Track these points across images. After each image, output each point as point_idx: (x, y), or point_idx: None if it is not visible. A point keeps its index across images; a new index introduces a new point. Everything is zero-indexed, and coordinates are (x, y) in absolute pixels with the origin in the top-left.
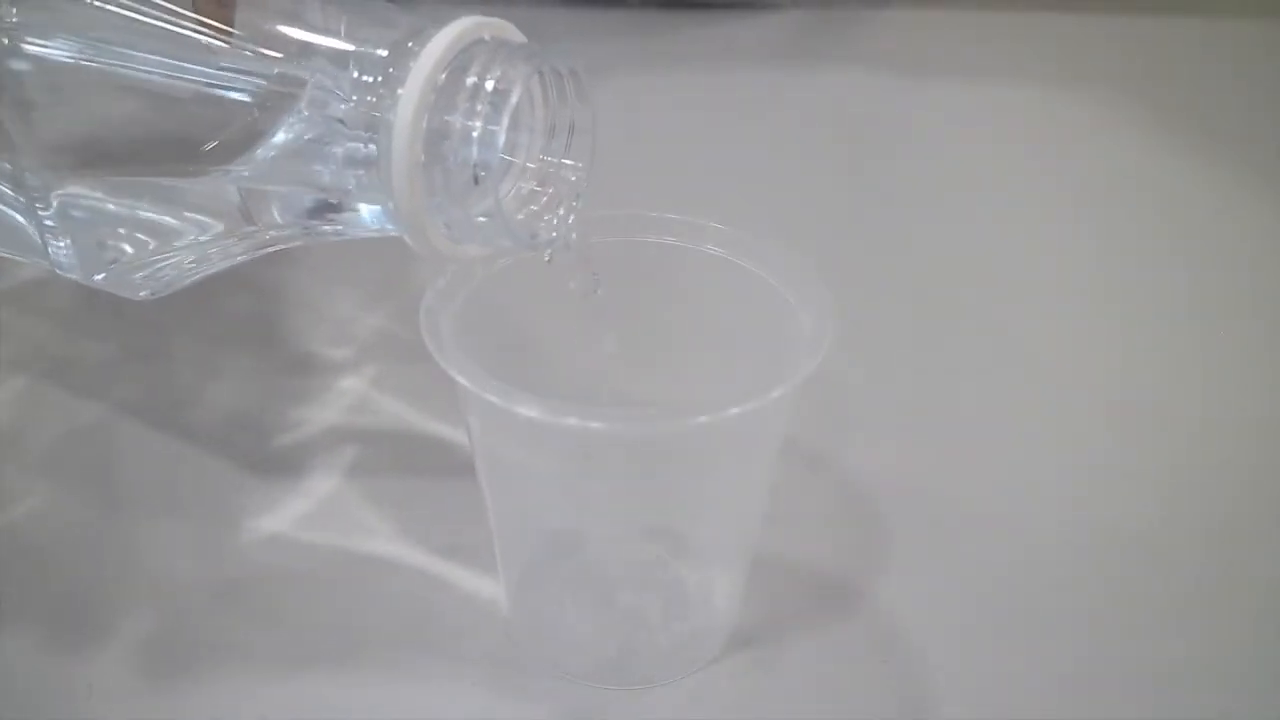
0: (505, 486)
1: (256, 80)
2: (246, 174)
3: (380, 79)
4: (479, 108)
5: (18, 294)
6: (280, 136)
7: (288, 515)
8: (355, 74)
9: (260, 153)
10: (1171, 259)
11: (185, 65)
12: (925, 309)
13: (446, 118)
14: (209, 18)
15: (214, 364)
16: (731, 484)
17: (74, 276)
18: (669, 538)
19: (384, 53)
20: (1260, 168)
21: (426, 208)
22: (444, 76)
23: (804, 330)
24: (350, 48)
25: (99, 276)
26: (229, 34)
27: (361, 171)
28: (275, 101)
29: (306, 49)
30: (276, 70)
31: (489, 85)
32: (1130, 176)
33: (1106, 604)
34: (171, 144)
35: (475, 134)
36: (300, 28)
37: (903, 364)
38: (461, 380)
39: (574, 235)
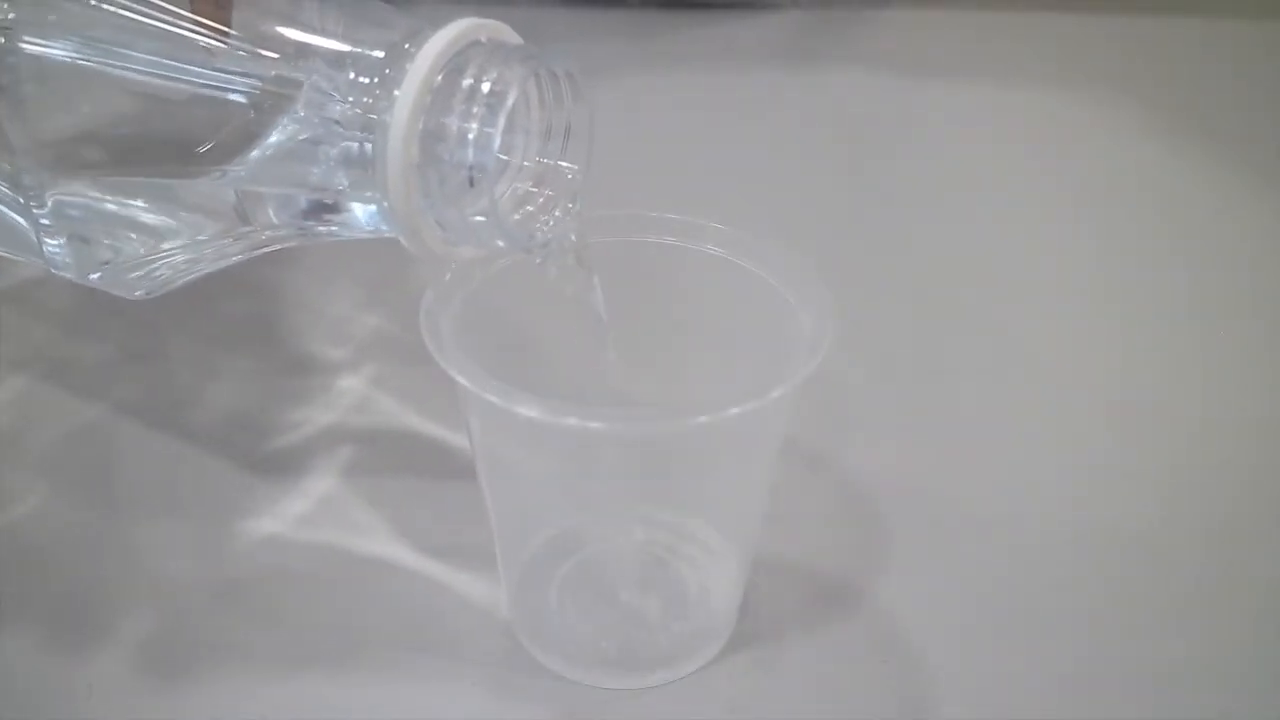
0: (505, 486)
1: (252, 81)
2: (242, 174)
3: (376, 80)
4: (475, 109)
5: (18, 294)
6: (275, 137)
7: (288, 515)
8: (351, 75)
9: (256, 153)
10: (1171, 259)
11: (182, 66)
12: (925, 309)
13: (442, 119)
14: (206, 18)
15: (213, 364)
16: (731, 484)
17: (69, 275)
18: (669, 538)
19: (380, 54)
20: (1260, 168)
21: (421, 209)
22: (440, 78)
23: (804, 330)
24: (347, 49)
25: (94, 276)
26: (226, 34)
27: (357, 171)
28: (271, 102)
29: (303, 50)
30: (273, 72)
31: (485, 87)
32: (1130, 176)
33: (1106, 604)
34: (167, 144)
35: (471, 136)
36: (297, 29)
37: (903, 364)
38: (461, 380)
39: (571, 237)
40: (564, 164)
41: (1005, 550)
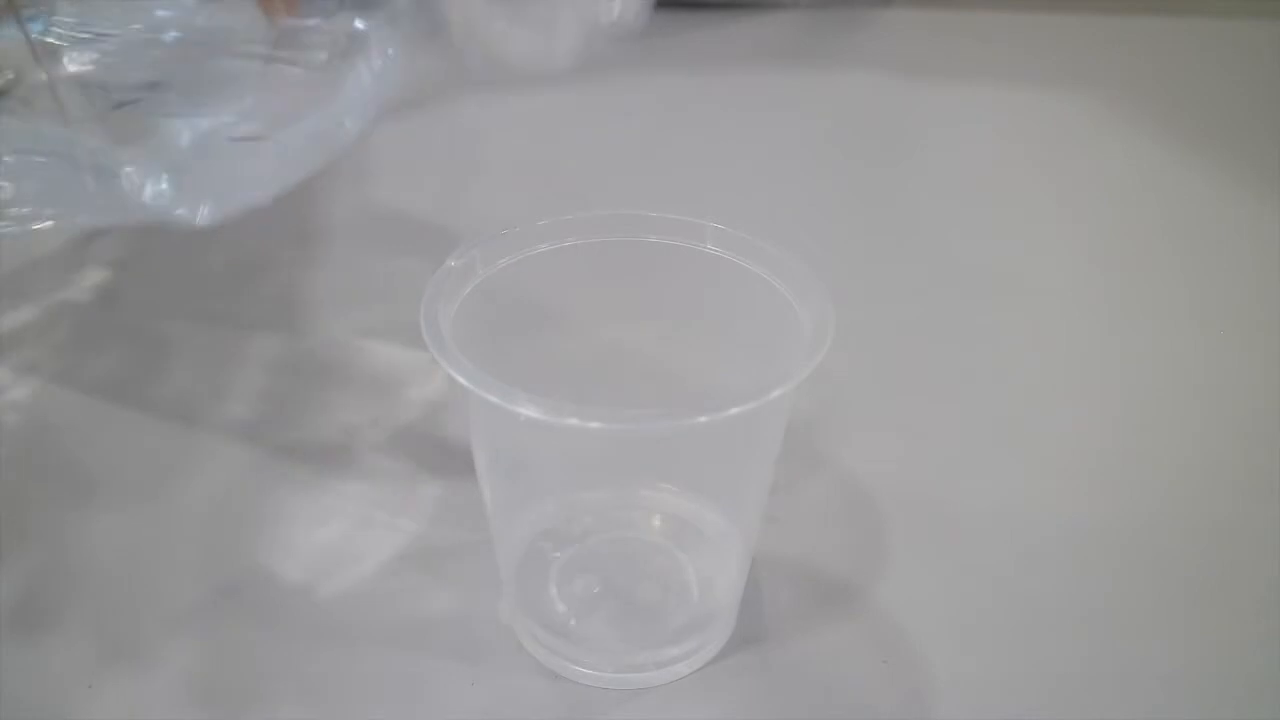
0: (504, 485)
1: None
2: None
3: None
4: None
5: (20, 294)
6: None
7: (288, 515)
8: None
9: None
10: (1171, 259)
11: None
12: (925, 309)
13: None
14: (275, 15)
15: (217, 365)
16: (731, 484)
17: (172, 215)
18: (669, 538)
19: None
20: (1260, 168)
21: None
22: None
23: (804, 330)
24: None
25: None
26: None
27: None
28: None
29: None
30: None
31: None
32: (1130, 176)
33: (1106, 604)
34: None
35: None
36: None
37: (903, 364)
38: (461, 380)
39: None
40: None
41: (1005, 550)
